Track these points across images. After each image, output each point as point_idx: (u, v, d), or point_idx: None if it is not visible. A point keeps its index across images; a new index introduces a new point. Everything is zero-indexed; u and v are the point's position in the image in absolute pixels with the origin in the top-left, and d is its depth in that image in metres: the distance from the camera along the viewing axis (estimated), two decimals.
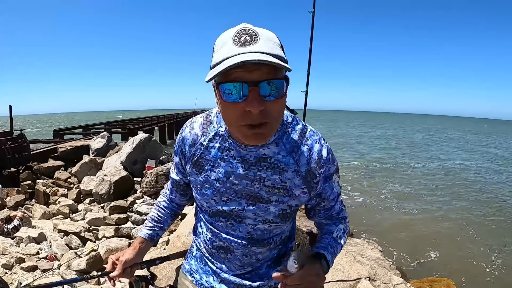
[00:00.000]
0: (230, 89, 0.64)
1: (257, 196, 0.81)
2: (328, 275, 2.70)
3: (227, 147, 0.80)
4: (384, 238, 6.14)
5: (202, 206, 0.89)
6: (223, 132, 0.80)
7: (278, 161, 0.79)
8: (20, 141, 7.80)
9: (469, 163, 16.50)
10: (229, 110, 0.67)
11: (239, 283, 0.90)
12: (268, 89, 0.64)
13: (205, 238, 0.92)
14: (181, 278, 1.02)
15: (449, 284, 3.52)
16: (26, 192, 6.19)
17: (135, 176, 6.21)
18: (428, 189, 10.56)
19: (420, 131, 43.79)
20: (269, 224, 0.84)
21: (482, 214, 8.15)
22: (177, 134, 0.91)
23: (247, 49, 0.62)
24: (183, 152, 0.88)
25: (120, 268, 0.99)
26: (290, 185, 0.80)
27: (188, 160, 0.86)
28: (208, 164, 0.83)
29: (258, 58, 0.59)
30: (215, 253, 0.90)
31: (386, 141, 27.62)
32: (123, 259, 0.99)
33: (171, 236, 3.59)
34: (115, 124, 20.58)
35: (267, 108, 0.65)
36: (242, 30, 0.65)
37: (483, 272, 5.24)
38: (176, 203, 1.07)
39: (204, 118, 0.86)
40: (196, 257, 0.98)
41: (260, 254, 0.88)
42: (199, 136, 0.84)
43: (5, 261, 3.22)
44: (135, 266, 1.03)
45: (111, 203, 4.99)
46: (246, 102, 0.64)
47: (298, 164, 0.80)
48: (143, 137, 6.92)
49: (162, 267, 2.57)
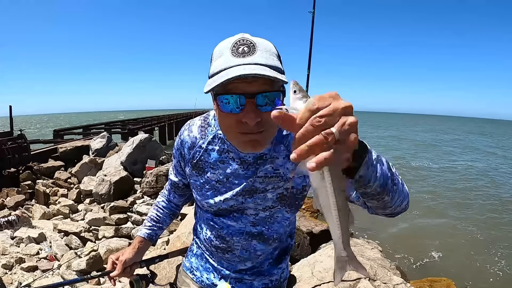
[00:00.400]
0: (227, 100, 0.65)
1: (252, 189, 0.82)
2: (328, 275, 2.68)
3: (226, 149, 0.82)
4: (384, 238, 6.14)
5: (202, 206, 0.90)
6: (221, 134, 0.81)
7: (271, 152, 0.80)
8: (20, 141, 7.80)
9: (474, 163, 16.49)
10: (226, 119, 0.69)
11: (239, 280, 0.91)
12: (265, 100, 0.65)
13: (205, 236, 0.93)
14: (182, 276, 1.04)
15: (449, 284, 3.52)
16: (26, 193, 6.19)
17: (135, 176, 6.22)
18: (430, 189, 10.55)
19: (422, 131, 43.82)
20: (270, 210, 0.85)
21: (486, 215, 8.07)
22: (177, 135, 0.92)
23: (245, 60, 0.63)
24: (182, 154, 0.89)
25: (120, 267, 1.01)
26: (283, 171, 0.81)
27: (188, 163, 0.87)
28: (208, 167, 0.84)
29: (255, 72, 0.60)
30: (215, 251, 0.91)
31: (385, 141, 27.64)
32: (123, 258, 1.01)
33: (171, 236, 3.60)
34: (115, 124, 20.60)
35: (264, 118, 0.66)
36: (240, 41, 0.66)
37: (486, 273, 5.17)
38: (175, 204, 1.08)
39: (202, 120, 0.87)
40: (196, 254, 1.00)
41: (259, 250, 0.89)
42: (198, 138, 0.85)
43: (5, 261, 3.22)
44: (135, 265, 1.05)
45: (111, 203, 4.99)
46: (243, 113, 0.65)
47: (289, 149, 0.81)
48: (143, 137, 6.92)
49: (162, 266, 2.57)
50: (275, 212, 0.85)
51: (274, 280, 0.95)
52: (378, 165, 0.55)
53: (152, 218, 1.07)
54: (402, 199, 0.64)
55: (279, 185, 0.82)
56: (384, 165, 0.58)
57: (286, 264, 1.00)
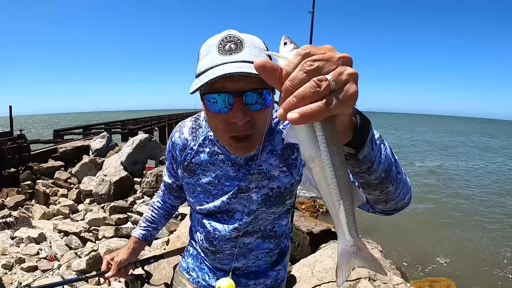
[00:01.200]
0: (215, 99, 0.64)
1: (242, 189, 0.80)
2: (328, 275, 2.68)
3: (216, 151, 0.80)
4: (384, 238, 6.13)
5: (195, 208, 0.90)
6: (212, 136, 0.80)
7: (259, 151, 0.78)
8: (20, 141, 7.79)
9: (480, 163, 16.46)
10: (215, 119, 0.67)
11: (235, 281, 0.92)
12: (254, 97, 0.63)
13: (198, 238, 0.93)
14: (179, 276, 1.04)
15: (449, 284, 3.52)
16: (26, 193, 6.18)
17: (135, 176, 6.21)
18: (433, 190, 10.50)
19: (421, 132, 43.77)
20: (256, 213, 0.83)
21: (491, 216, 7.96)
22: None
23: (231, 58, 0.61)
24: (174, 156, 0.88)
25: (115, 268, 1.02)
26: (266, 167, 0.78)
27: (180, 164, 0.87)
28: (199, 169, 0.83)
29: (241, 71, 0.58)
30: (208, 252, 0.91)
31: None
32: (118, 259, 1.02)
33: (171, 236, 3.60)
34: (115, 124, 20.59)
35: (253, 117, 0.64)
36: (227, 37, 0.64)
37: (488, 273, 5.12)
38: (170, 204, 1.09)
39: (193, 121, 0.86)
40: (192, 255, 1.00)
41: (250, 244, 0.87)
42: (189, 140, 0.84)
43: (5, 262, 3.22)
44: (130, 266, 1.06)
45: (111, 203, 4.99)
46: (231, 112, 0.63)
47: (273, 144, 0.78)
48: (143, 138, 6.92)
49: (162, 266, 2.57)
50: (260, 214, 0.83)
51: (270, 282, 0.94)
52: (382, 146, 0.49)
53: (147, 218, 1.08)
54: (406, 191, 0.58)
55: (262, 184, 0.79)
56: (387, 148, 0.51)
57: (283, 265, 0.98)
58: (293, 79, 0.31)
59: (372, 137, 0.45)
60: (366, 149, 0.43)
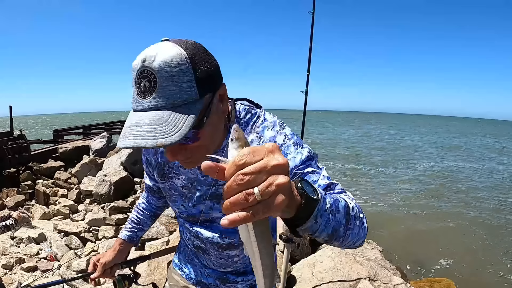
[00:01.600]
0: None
1: (218, 194, 0.81)
2: (328, 275, 2.68)
3: None
4: (385, 238, 6.13)
5: (175, 211, 0.92)
6: None
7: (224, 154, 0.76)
8: (20, 141, 7.80)
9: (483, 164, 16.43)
10: None
11: (223, 277, 0.93)
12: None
13: (186, 237, 0.95)
14: (171, 273, 1.06)
15: (449, 284, 3.52)
16: (26, 193, 6.19)
17: (135, 176, 6.21)
18: (435, 191, 10.46)
19: (422, 133, 43.75)
20: None
21: (494, 217, 7.89)
22: None
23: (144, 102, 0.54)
24: (148, 160, 0.90)
25: (100, 269, 1.04)
26: None
27: (155, 168, 0.88)
28: (171, 172, 0.84)
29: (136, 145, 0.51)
30: (196, 250, 0.93)
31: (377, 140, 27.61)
32: (103, 260, 1.04)
33: (171, 236, 3.60)
34: (115, 125, 20.55)
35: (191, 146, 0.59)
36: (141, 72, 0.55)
37: (489, 274, 5.11)
38: (155, 205, 1.10)
39: None
40: (184, 252, 1.02)
41: (235, 256, 0.89)
42: None
43: (5, 262, 3.23)
44: (116, 267, 1.08)
45: (111, 204, 4.99)
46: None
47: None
48: None
49: (163, 266, 2.57)
50: None
51: None
52: (331, 215, 0.50)
53: (133, 220, 1.09)
54: (356, 240, 0.60)
55: None
56: (339, 212, 0.53)
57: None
58: (228, 187, 0.35)
59: (317, 213, 0.46)
60: (308, 223, 0.46)
